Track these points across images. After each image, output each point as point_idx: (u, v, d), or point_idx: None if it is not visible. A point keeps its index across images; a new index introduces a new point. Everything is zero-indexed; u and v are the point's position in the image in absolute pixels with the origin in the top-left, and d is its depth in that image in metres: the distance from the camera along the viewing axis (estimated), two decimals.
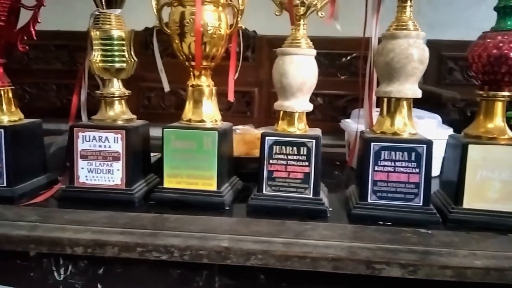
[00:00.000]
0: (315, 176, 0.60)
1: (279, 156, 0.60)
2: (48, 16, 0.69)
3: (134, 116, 0.66)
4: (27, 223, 0.53)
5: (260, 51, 1.27)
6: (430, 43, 0.69)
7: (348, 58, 1.61)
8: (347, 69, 1.21)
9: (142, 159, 0.66)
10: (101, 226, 0.53)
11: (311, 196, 0.60)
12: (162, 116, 0.66)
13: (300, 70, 0.60)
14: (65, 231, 0.52)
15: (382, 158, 0.57)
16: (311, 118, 0.64)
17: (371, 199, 0.58)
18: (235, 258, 0.49)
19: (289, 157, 0.60)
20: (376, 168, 0.58)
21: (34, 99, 1.81)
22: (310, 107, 0.62)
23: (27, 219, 0.54)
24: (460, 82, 1.21)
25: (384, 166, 0.58)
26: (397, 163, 0.57)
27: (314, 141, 0.59)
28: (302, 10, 0.60)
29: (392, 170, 0.58)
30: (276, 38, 1.28)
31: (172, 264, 0.53)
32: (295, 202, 0.60)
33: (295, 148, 0.60)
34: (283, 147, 0.60)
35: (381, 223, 0.57)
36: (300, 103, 0.61)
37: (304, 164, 0.60)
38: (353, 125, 0.87)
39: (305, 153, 0.59)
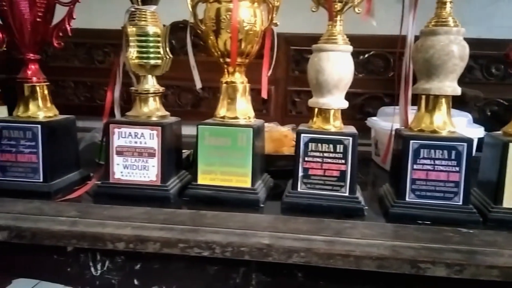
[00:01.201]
0: (352, 174, 0.59)
1: (315, 154, 0.60)
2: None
3: (168, 113, 0.66)
4: (67, 218, 0.53)
5: (277, 49, 1.27)
6: None
7: (366, 56, 1.60)
8: (365, 67, 1.20)
9: (175, 156, 0.66)
10: (141, 222, 0.53)
11: (347, 194, 0.59)
12: (178, 114, 0.65)
13: (337, 66, 0.59)
14: (106, 226, 0.52)
15: (421, 156, 0.57)
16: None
17: (409, 197, 0.58)
18: (276, 255, 0.49)
19: (325, 154, 0.59)
20: (415, 167, 0.57)
21: (52, 96, 1.82)
22: (345, 104, 0.62)
23: (67, 215, 0.54)
24: (479, 80, 1.20)
25: (423, 164, 0.57)
26: (437, 162, 0.57)
27: (351, 138, 0.59)
28: (339, 6, 0.59)
29: (431, 168, 0.57)
30: (293, 36, 1.28)
31: (209, 260, 0.53)
32: (331, 200, 0.59)
33: (331, 145, 0.59)
34: (319, 145, 0.59)
35: (420, 222, 0.56)
36: (336, 100, 0.61)
37: (340, 161, 0.59)
38: (382, 123, 0.86)
39: (341, 150, 0.59)
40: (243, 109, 0.64)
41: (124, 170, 0.62)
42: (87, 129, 0.99)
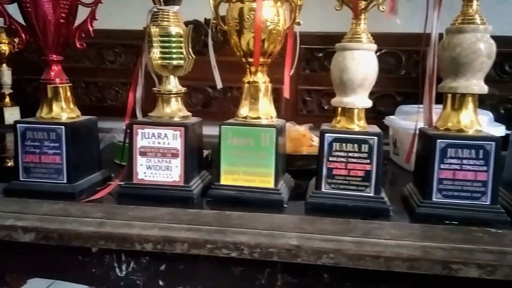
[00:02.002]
0: (377, 174, 0.58)
1: (339, 154, 0.59)
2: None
3: (189, 113, 0.65)
4: (93, 219, 0.53)
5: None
6: None
7: (377, 54, 1.59)
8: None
9: (197, 156, 0.66)
10: (167, 223, 0.53)
11: (372, 194, 0.59)
12: None
13: (361, 65, 0.58)
14: (133, 227, 0.52)
15: (448, 155, 0.56)
16: None
17: (436, 197, 0.57)
18: (305, 256, 0.49)
19: (350, 154, 0.59)
20: (441, 166, 0.56)
21: None
22: (369, 103, 0.61)
23: (93, 216, 0.54)
24: (492, 78, 1.18)
25: (450, 164, 0.56)
26: (464, 161, 0.56)
27: (376, 138, 0.58)
28: (363, 4, 0.59)
29: (459, 168, 0.56)
30: (304, 35, 1.27)
31: (234, 261, 0.53)
32: (356, 201, 0.59)
33: (356, 145, 0.59)
34: (343, 144, 0.59)
35: (447, 222, 0.56)
36: (360, 99, 0.60)
37: (365, 161, 0.58)
38: (401, 121, 0.85)
39: (366, 150, 0.58)
40: (265, 109, 0.63)
41: (147, 171, 0.62)
42: (99, 129, 1.00)
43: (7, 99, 1.74)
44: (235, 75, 0.68)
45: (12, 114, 1.74)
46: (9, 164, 0.84)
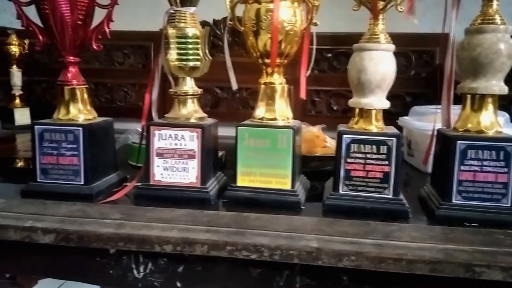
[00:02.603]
0: (396, 176, 0.58)
1: (357, 155, 0.59)
2: None
3: (205, 115, 0.65)
4: (112, 221, 0.53)
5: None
6: None
7: None
8: None
9: (213, 157, 0.66)
10: (186, 224, 0.53)
11: (390, 196, 0.58)
12: None
13: (380, 66, 0.58)
14: (152, 229, 0.52)
15: (469, 157, 0.55)
16: (349, 116, 0.63)
17: (455, 199, 0.56)
18: (326, 259, 0.48)
19: (368, 155, 0.58)
20: (461, 168, 0.56)
21: None
22: (387, 104, 0.61)
23: (111, 217, 0.54)
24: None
25: (470, 165, 0.56)
26: (484, 163, 0.55)
27: (395, 139, 0.58)
28: (381, 4, 0.58)
29: (479, 169, 0.55)
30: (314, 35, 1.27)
31: (252, 263, 0.53)
32: (374, 202, 0.58)
33: (374, 146, 0.58)
34: (361, 146, 0.58)
35: (468, 224, 0.55)
36: (378, 100, 0.60)
37: (383, 163, 0.58)
38: (416, 122, 0.85)
39: (385, 151, 0.58)
40: (282, 110, 0.63)
41: (164, 172, 0.61)
42: None
43: (18, 100, 1.75)
44: (243, 76, 0.68)
45: (22, 115, 1.75)
46: (19, 165, 0.84)
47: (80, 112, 0.62)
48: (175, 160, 0.61)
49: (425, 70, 1.64)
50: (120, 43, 1.60)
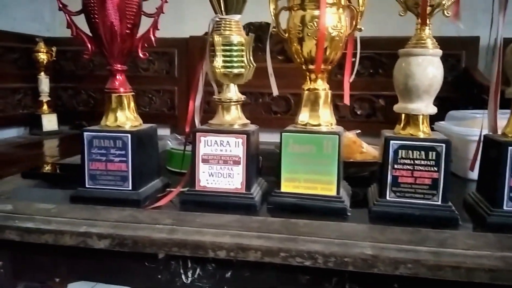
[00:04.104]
0: (445, 182, 0.57)
1: (405, 161, 0.58)
2: None
3: (248, 121, 0.66)
4: (164, 226, 0.54)
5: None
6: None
7: None
8: None
9: (256, 163, 0.66)
10: (237, 230, 0.53)
11: (439, 202, 0.58)
12: None
13: (427, 71, 0.58)
14: (204, 234, 0.52)
15: None
16: (373, 121, 0.62)
17: (507, 206, 0.55)
18: (382, 266, 0.48)
19: (416, 162, 0.58)
20: None
21: (99, 103, 1.88)
22: (435, 109, 0.60)
23: (163, 222, 0.55)
24: None
25: None
26: None
27: (444, 145, 0.57)
28: (428, 10, 0.58)
29: None
30: None
31: (301, 269, 0.53)
32: (422, 209, 0.57)
33: (423, 152, 0.58)
34: (410, 152, 0.58)
35: None
36: (426, 105, 0.59)
37: (432, 169, 0.57)
38: (454, 127, 0.84)
39: (434, 158, 0.57)
40: (325, 116, 0.63)
41: (209, 178, 0.62)
42: None
43: (45, 107, 1.79)
44: (266, 81, 0.68)
45: (50, 121, 1.79)
46: (46, 169, 0.83)
47: (128, 119, 0.64)
48: (220, 166, 0.62)
49: (451, 74, 1.62)
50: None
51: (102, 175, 0.62)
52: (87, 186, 0.62)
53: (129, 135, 0.61)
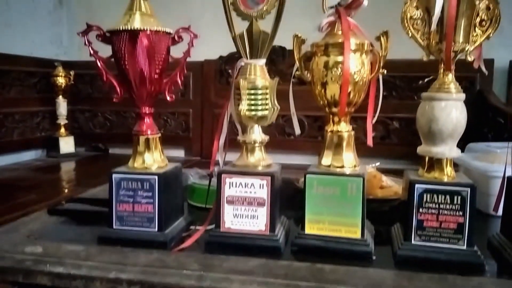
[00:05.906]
0: (470, 226, 0.57)
1: (430, 205, 0.58)
2: None
3: (271, 161, 0.67)
4: (192, 272, 0.55)
5: None
6: None
7: (426, 80, 1.56)
8: (424, 91, 1.18)
9: (280, 204, 0.67)
10: (264, 277, 0.53)
11: (464, 247, 0.58)
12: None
13: (451, 116, 0.58)
14: (232, 282, 0.53)
15: None
16: (387, 143, 0.62)
17: None
18: None
19: (441, 206, 0.58)
20: None
21: (115, 126, 1.91)
22: (458, 152, 0.60)
23: (190, 268, 0.56)
24: None
25: None
26: None
27: (469, 189, 0.57)
28: (451, 55, 0.59)
29: None
30: None
31: None
32: (448, 254, 0.57)
33: (448, 196, 0.58)
34: (435, 196, 0.58)
35: None
36: (450, 149, 0.60)
37: (458, 213, 0.58)
38: (474, 162, 0.83)
39: (459, 202, 0.57)
40: (349, 157, 0.64)
41: (234, 219, 0.63)
42: None
43: (62, 129, 1.83)
44: (279, 103, 0.68)
45: (67, 143, 1.82)
46: (71, 205, 0.81)
47: (155, 160, 0.65)
48: (244, 207, 0.62)
49: (465, 97, 1.62)
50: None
51: (129, 216, 0.63)
52: (114, 227, 0.64)
53: (156, 177, 0.62)
